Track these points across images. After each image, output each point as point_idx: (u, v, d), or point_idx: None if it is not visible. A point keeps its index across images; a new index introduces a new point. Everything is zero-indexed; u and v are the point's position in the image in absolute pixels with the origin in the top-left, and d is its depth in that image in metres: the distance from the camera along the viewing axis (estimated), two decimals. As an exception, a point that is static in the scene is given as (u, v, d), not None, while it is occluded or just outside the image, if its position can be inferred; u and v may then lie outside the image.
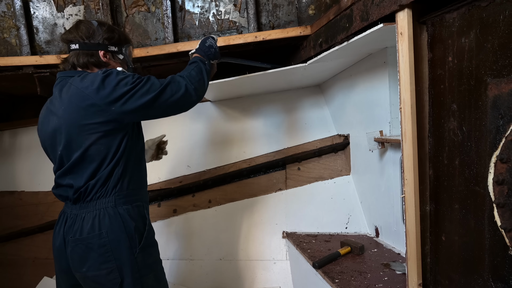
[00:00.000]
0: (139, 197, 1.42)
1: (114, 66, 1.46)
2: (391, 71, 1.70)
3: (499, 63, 0.91)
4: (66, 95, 1.31)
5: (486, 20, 0.94)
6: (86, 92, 1.26)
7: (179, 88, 1.35)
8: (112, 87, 1.26)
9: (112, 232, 1.29)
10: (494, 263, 0.95)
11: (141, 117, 1.37)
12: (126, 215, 1.33)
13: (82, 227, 1.30)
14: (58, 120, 1.32)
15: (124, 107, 1.27)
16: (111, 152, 1.31)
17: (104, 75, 1.28)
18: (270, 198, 2.34)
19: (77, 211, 1.34)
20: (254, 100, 2.43)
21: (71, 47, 1.41)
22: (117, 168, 1.33)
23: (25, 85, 2.19)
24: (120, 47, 1.48)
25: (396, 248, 1.83)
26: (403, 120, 1.19)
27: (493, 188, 0.91)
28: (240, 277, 2.25)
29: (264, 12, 2.01)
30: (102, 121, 1.27)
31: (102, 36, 1.42)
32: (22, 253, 2.43)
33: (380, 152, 1.88)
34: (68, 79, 1.36)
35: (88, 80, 1.29)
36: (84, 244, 1.29)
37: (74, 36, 1.40)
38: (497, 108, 0.92)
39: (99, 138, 1.29)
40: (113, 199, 1.32)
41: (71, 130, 1.29)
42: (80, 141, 1.29)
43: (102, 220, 1.30)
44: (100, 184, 1.32)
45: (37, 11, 2.01)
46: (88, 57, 1.40)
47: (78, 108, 1.27)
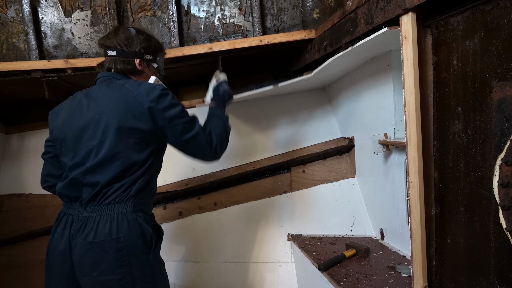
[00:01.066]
0: (151, 207, 1.44)
1: (148, 74, 1.49)
2: (395, 74, 1.70)
3: (503, 66, 0.91)
4: (117, 94, 1.32)
5: (491, 24, 0.95)
6: (140, 100, 1.29)
7: (210, 146, 1.42)
8: (165, 105, 1.31)
9: (130, 237, 1.27)
10: (500, 265, 0.96)
11: (172, 141, 1.40)
12: (143, 221, 1.32)
13: (97, 230, 1.27)
14: (100, 115, 1.31)
15: (166, 123, 1.33)
16: (141, 160, 1.33)
17: (162, 92, 1.32)
18: (275, 201, 2.34)
19: (88, 214, 1.30)
20: (259, 103, 2.44)
21: (108, 53, 1.43)
22: (143, 176, 1.34)
23: (33, 89, 2.22)
24: (155, 56, 1.51)
25: (401, 250, 1.83)
26: (407, 123, 1.20)
27: (498, 190, 0.91)
28: (245, 279, 2.26)
29: (269, 16, 2.02)
30: (143, 128, 1.30)
31: (139, 45, 1.44)
32: (30, 255, 2.45)
33: (385, 154, 1.88)
34: (115, 80, 1.39)
35: (144, 88, 1.32)
36: (100, 247, 1.25)
37: (112, 42, 1.42)
38: (502, 111, 0.92)
39: (135, 144, 1.31)
40: (132, 204, 1.31)
41: (112, 129, 1.29)
42: (116, 142, 1.29)
43: (121, 225, 1.27)
44: (124, 188, 1.30)
45: (45, 16, 2.04)
46: (125, 64, 1.43)
47: (128, 111, 1.29)
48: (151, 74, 1.51)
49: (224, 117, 1.57)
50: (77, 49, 2.07)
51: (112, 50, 1.42)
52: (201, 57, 2.03)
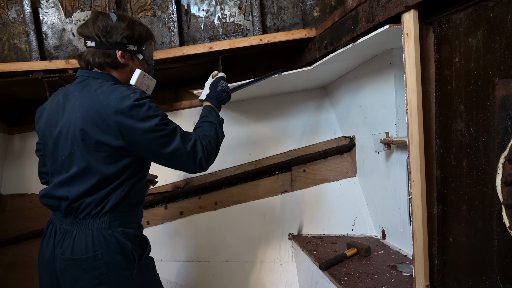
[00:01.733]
0: (133, 218, 1.32)
1: (132, 67, 1.32)
2: (397, 72, 1.69)
3: (507, 63, 0.90)
4: (86, 102, 1.19)
5: (494, 20, 0.94)
6: (108, 112, 1.15)
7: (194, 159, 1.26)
8: (136, 119, 1.16)
9: (107, 253, 1.19)
10: (503, 264, 0.95)
11: (147, 157, 1.27)
12: (121, 237, 1.22)
13: (73, 246, 1.19)
14: (69, 124, 1.20)
15: (136, 141, 1.18)
16: (114, 174, 1.21)
17: (135, 103, 1.16)
18: (276, 200, 2.34)
19: (67, 226, 1.23)
20: (259, 103, 2.44)
21: (87, 43, 1.27)
22: (119, 189, 1.23)
23: (34, 90, 2.22)
24: (140, 46, 1.33)
25: (403, 249, 1.82)
26: (409, 121, 1.19)
27: (501, 189, 0.90)
28: (246, 278, 2.26)
29: (269, 15, 2.02)
30: (110, 144, 1.17)
31: (120, 34, 1.27)
32: (33, 254, 2.45)
33: (386, 153, 1.87)
34: (91, 81, 1.25)
35: (114, 96, 1.17)
36: (77, 264, 1.18)
37: (90, 32, 1.26)
38: (505, 109, 0.91)
39: (105, 157, 1.19)
40: (108, 220, 1.21)
41: (78, 140, 1.19)
42: (85, 155, 1.19)
43: (97, 241, 1.19)
44: (96, 203, 1.21)
45: (46, 17, 2.04)
46: (105, 57, 1.27)
47: (94, 122, 1.16)
48: (136, 66, 1.33)
49: (217, 123, 1.40)
50: (78, 49, 2.07)
51: (91, 40, 1.26)
52: (201, 57, 2.03)
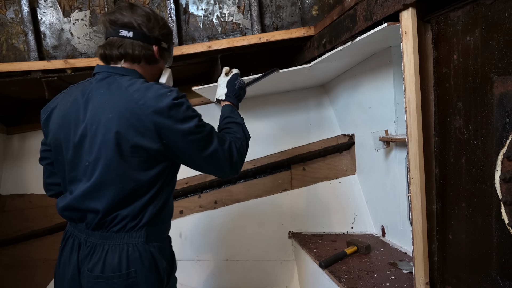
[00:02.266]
0: (167, 230, 1.25)
1: (161, 66, 1.26)
2: (395, 70, 1.70)
3: (505, 60, 0.91)
4: (118, 102, 1.07)
5: (491, 18, 0.94)
6: (146, 112, 1.04)
7: (230, 162, 1.18)
8: (175, 119, 1.06)
9: (142, 272, 1.09)
10: (502, 261, 0.95)
11: (183, 160, 1.17)
12: (157, 253, 1.13)
13: (105, 262, 1.08)
14: (98, 126, 1.08)
15: (175, 143, 1.08)
16: (149, 181, 1.10)
17: (175, 102, 1.06)
18: (276, 199, 2.34)
19: (96, 240, 1.11)
20: (258, 101, 2.44)
21: (120, 33, 1.14)
22: (156, 200, 1.13)
23: (33, 90, 2.22)
24: (170, 46, 1.28)
25: (402, 247, 1.83)
26: (408, 119, 1.20)
27: (500, 186, 0.91)
28: (246, 277, 2.26)
29: (268, 14, 2.02)
30: (148, 147, 1.06)
31: (159, 30, 1.20)
32: (32, 254, 2.46)
33: (386, 151, 1.88)
34: (118, 78, 1.13)
35: (151, 96, 1.06)
36: (108, 283, 1.07)
37: (130, 21, 1.14)
38: (503, 106, 0.92)
39: (141, 163, 1.08)
40: (145, 234, 1.11)
41: (110, 145, 1.06)
42: (117, 161, 1.06)
43: (132, 257, 1.08)
44: (133, 216, 1.10)
45: (44, 16, 2.04)
46: (144, 50, 1.17)
47: (130, 124, 1.05)
48: (163, 65, 1.28)
49: (244, 123, 1.34)
50: (76, 49, 2.06)
51: (128, 30, 1.14)
52: (200, 56, 2.03)
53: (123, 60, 1.18)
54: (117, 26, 1.15)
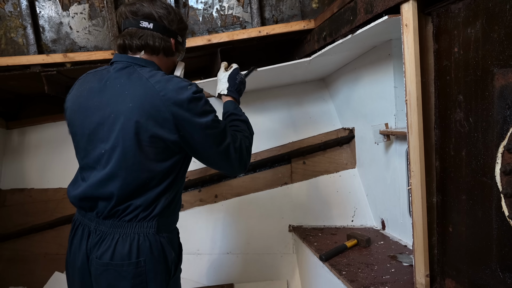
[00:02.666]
0: (176, 221, 1.29)
1: (175, 59, 1.30)
2: (396, 63, 1.69)
3: (505, 53, 0.91)
4: (139, 91, 1.08)
5: (492, 10, 0.94)
6: (166, 104, 1.06)
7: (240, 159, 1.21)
8: (193, 112, 1.08)
9: (151, 261, 1.11)
10: (502, 253, 0.96)
11: (196, 153, 1.18)
12: (167, 244, 1.16)
13: (114, 250, 1.10)
14: (117, 115, 1.08)
15: (191, 135, 1.10)
16: (163, 172, 1.12)
17: (194, 96, 1.08)
18: (276, 192, 2.35)
19: (107, 229, 1.13)
20: (258, 95, 2.43)
21: (141, 24, 1.16)
22: (168, 192, 1.16)
23: (32, 84, 2.21)
24: (184, 40, 1.31)
25: (402, 240, 1.84)
26: (409, 112, 1.19)
27: (500, 178, 0.91)
28: (247, 270, 2.27)
29: (268, 7, 2.00)
30: (165, 138, 1.08)
31: (177, 23, 1.23)
32: (33, 249, 2.47)
33: (386, 144, 1.88)
34: (138, 68, 1.14)
35: (172, 88, 1.08)
36: (117, 271, 1.09)
37: (150, 12, 1.17)
38: (504, 98, 0.91)
39: (157, 154, 1.10)
40: (156, 224, 1.13)
41: (129, 135, 1.07)
42: (133, 150, 1.08)
43: (142, 247, 1.11)
44: (146, 206, 1.12)
45: (43, 10, 2.02)
46: (163, 42, 1.19)
47: (150, 114, 1.07)
48: (176, 59, 1.31)
49: (248, 120, 1.38)
50: (75, 43, 2.05)
51: (149, 22, 1.16)
52: (199, 50, 2.02)
53: (143, 51, 1.19)
54: (139, 17, 1.17)
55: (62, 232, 2.46)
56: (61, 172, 2.51)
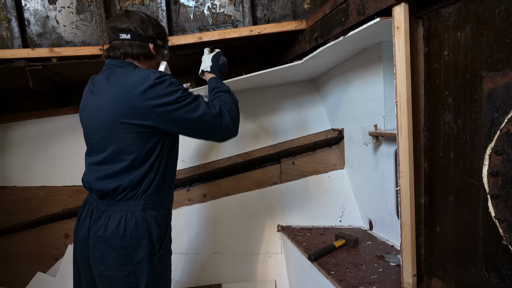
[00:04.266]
0: (166, 204, 1.41)
1: (158, 60, 1.47)
2: (385, 65, 1.71)
3: (494, 57, 0.92)
4: (112, 88, 1.28)
5: (482, 15, 0.95)
6: (132, 93, 1.23)
7: (221, 123, 1.35)
8: (158, 95, 1.23)
9: (135, 236, 1.27)
10: (488, 253, 0.98)
11: (177, 130, 1.35)
12: (152, 221, 1.31)
13: (107, 225, 1.28)
14: (99, 110, 1.30)
15: (164, 116, 1.25)
16: (143, 155, 1.29)
17: (156, 81, 1.24)
18: (265, 192, 2.35)
19: (103, 207, 1.32)
20: (248, 95, 2.43)
21: (120, 36, 1.36)
22: (150, 173, 1.31)
23: (16, 79, 2.15)
24: (165, 42, 1.50)
25: (389, 240, 1.86)
26: (399, 114, 1.21)
27: (487, 179, 0.93)
28: (235, 270, 2.26)
29: (259, 6, 2.00)
30: (139, 124, 1.25)
31: (153, 30, 1.41)
32: (15, 248, 2.41)
33: (374, 146, 1.90)
34: (115, 69, 1.33)
35: (136, 78, 1.25)
36: (107, 243, 1.27)
37: (127, 26, 1.36)
38: (492, 101, 0.93)
39: (133, 138, 1.26)
40: (142, 202, 1.30)
41: (108, 125, 1.27)
42: (114, 138, 1.27)
43: (128, 222, 1.27)
44: (132, 186, 1.29)
45: (29, 3, 1.97)
46: (141, 49, 1.38)
47: (120, 105, 1.25)
48: (160, 60, 1.49)
49: (230, 90, 1.52)
50: (62, 37, 2.01)
51: (126, 33, 1.36)
52: (190, 47, 2.00)
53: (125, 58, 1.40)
54: (117, 31, 1.38)
55: (45, 232, 2.41)
56: (45, 170, 2.46)
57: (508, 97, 0.89)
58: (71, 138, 2.45)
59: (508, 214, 0.89)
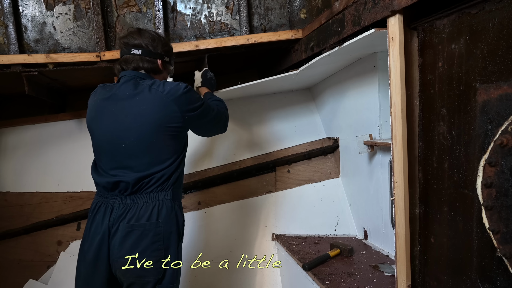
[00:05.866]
0: (181, 196, 1.56)
1: (164, 75, 1.61)
2: (380, 75, 1.72)
3: (488, 69, 0.93)
4: (149, 97, 1.41)
5: (476, 27, 0.96)
6: (169, 100, 1.40)
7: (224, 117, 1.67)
8: (190, 101, 1.45)
9: (167, 223, 1.40)
10: (482, 264, 0.98)
11: (196, 128, 1.58)
12: (179, 210, 1.46)
13: (139, 215, 1.38)
14: (134, 116, 1.40)
15: (192, 118, 1.47)
16: (176, 152, 1.46)
17: (186, 90, 1.44)
18: (260, 200, 2.34)
19: (130, 201, 1.41)
20: (244, 103, 2.43)
21: (132, 51, 1.50)
22: (179, 167, 1.48)
23: (12, 85, 2.14)
24: (171, 59, 1.63)
25: (384, 250, 1.85)
26: (393, 124, 1.21)
27: (481, 191, 0.93)
28: (229, 279, 2.24)
29: (256, 15, 2.02)
30: (177, 126, 1.43)
31: (162, 47, 1.55)
32: (7, 255, 2.37)
33: (369, 155, 1.90)
34: (139, 80, 1.47)
35: (170, 88, 1.42)
36: (140, 230, 1.37)
37: (139, 42, 1.50)
38: (486, 113, 0.94)
39: (171, 139, 1.43)
40: (171, 193, 1.44)
41: (149, 128, 1.40)
42: (153, 139, 1.40)
43: (161, 211, 1.40)
44: (165, 179, 1.43)
45: (26, 9, 1.97)
46: (150, 64, 1.52)
47: (159, 110, 1.40)
48: (166, 75, 1.63)
49: (222, 100, 1.75)
50: (59, 43, 2.01)
51: (138, 49, 1.50)
52: (187, 55, 2.01)
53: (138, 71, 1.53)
54: (129, 46, 1.51)
55: (37, 238, 2.37)
56: (39, 176, 2.43)
57: (502, 109, 0.90)
58: (66, 145, 2.43)
59: (502, 226, 0.89)
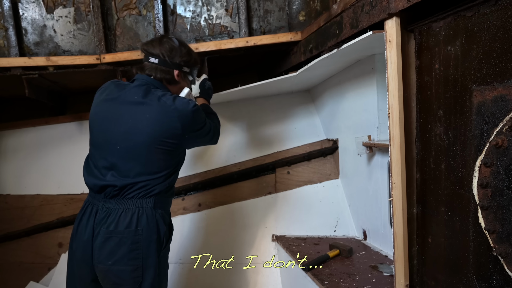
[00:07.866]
0: (169, 205, 1.54)
1: (182, 85, 1.59)
2: (379, 77, 1.74)
3: (483, 71, 0.95)
4: (155, 107, 1.39)
5: (471, 30, 0.98)
6: (174, 116, 1.38)
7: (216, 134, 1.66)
8: (195, 121, 1.44)
9: (147, 231, 1.36)
10: (478, 264, 0.99)
11: (193, 144, 1.59)
12: (160, 219, 1.41)
13: (118, 221, 1.35)
14: (135, 122, 1.38)
15: (192, 138, 1.47)
16: (167, 168, 1.44)
17: (194, 109, 1.42)
18: (260, 202, 2.35)
19: (112, 206, 1.39)
20: (244, 105, 2.44)
21: (149, 59, 1.50)
22: (167, 180, 1.45)
23: (12, 87, 2.15)
24: (192, 69, 1.61)
25: (383, 250, 1.86)
26: (391, 125, 1.23)
27: (477, 191, 0.94)
28: (230, 280, 2.25)
29: (255, 18, 2.03)
30: (173, 142, 1.41)
31: (180, 57, 1.53)
32: (8, 257, 2.38)
33: (368, 156, 1.91)
34: (152, 88, 1.46)
35: (178, 103, 1.40)
36: (119, 237, 1.34)
37: (156, 50, 1.50)
38: (481, 114, 0.95)
39: (163, 153, 1.41)
40: (153, 201, 1.40)
41: (145, 137, 1.37)
42: (146, 149, 1.38)
43: (140, 218, 1.37)
44: (148, 188, 1.40)
45: (26, 12, 1.99)
46: (165, 74, 1.51)
47: (162, 124, 1.38)
48: (185, 85, 1.61)
49: (215, 113, 1.74)
50: (59, 46, 2.02)
51: (155, 58, 1.49)
52: (187, 57, 2.02)
53: None
54: (148, 54, 1.52)
55: (38, 240, 2.38)
56: (39, 178, 2.44)
57: (497, 110, 0.91)
58: (66, 147, 2.44)
59: (497, 226, 0.90)
